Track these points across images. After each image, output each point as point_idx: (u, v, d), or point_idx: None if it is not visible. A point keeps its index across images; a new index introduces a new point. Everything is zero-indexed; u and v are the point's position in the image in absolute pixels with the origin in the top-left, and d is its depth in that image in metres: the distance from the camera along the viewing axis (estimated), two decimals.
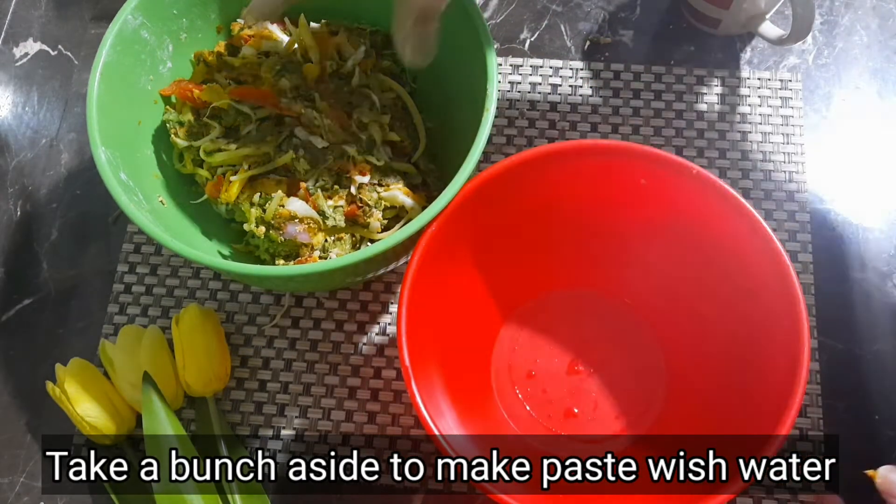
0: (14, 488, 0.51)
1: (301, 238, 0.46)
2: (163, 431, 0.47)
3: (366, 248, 0.41)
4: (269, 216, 0.46)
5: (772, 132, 0.56)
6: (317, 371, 0.52)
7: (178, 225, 0.49)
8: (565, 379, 0.50)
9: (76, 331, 0.54)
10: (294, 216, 0.46)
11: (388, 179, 0.48)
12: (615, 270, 0.51)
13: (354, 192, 0.47)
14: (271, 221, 0.46)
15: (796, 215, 0.54)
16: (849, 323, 0.52)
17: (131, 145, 0.48)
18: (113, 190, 0.43)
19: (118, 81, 0.46)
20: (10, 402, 0.53)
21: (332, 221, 0.46)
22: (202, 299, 0.54)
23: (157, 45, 0.49)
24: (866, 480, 0.39)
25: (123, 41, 0.46)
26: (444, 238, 0.43)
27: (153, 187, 0.49)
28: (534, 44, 0.61)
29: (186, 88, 0.49)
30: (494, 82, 0.44)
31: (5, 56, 0.61)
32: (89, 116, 0.44)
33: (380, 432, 0.51)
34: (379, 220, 0.47)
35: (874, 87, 0.58)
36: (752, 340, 0.44)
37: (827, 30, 0.59)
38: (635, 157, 0.44)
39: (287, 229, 0.46)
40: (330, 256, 0.47)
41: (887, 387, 0.50)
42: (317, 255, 0.47)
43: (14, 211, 0.58)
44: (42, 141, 0.60)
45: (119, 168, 0.45)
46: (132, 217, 0.42)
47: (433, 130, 0.53)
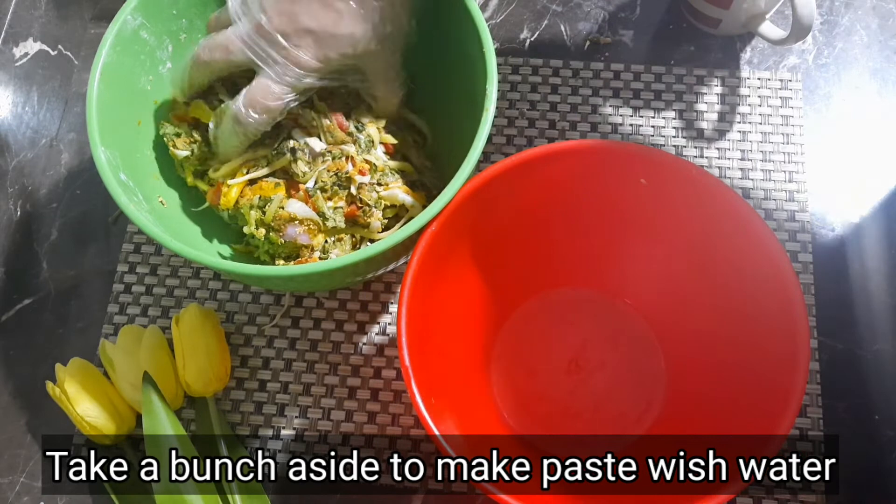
0: (14, 488, 0.51)
1: (301, 239, 0.46)
2: (163, 431, 0.47)
3: (365, 248, 0.41)
4: (268, 218, 0.46)
5: (772, 132, 0.56)
6: (317, 371, 0.52)
7: (178, 225, 0.49)
8: (565, 379, 0.50)
9: (76, 331, 0.54)
10: (294, 218, 0.46)
11: (387, 178, 0.48)
12: (615, 270, 0.51)
13: (354, 193, 0.47)
14: (271, 223, 0.46)
15: (796, 215, 0.54)
16: (849, 323, 0.52)
17: (131, 146, 0.48)
18: (113, 190, 0.43)
19: (118, 82, 0.46)
20: (10, 402, 0.53)
21: (333, 223, 0.46)
22: (202, 299, 0.54)
23: (157, 45, 0.49)
24: (866, 480, 0.39)
25: (123, 41, 0.47)
26: (444, 238, 0.43)
27: (153, 187, 0.49)
28: (534, 44, 0.61)
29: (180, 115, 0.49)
30: (494, 82, 0.44)
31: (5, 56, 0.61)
32: (89, 117, 0.44)
33: (380, 432, 0.51)
34: (379, 220, 0.47)
35: (874, 87, 0.58)
36: (751, 340, 0.44)
37: (827, 30, 0.59)
38: (635, 157, 0.44)
39: (287, 231, 0.46)
40: (330, 257, 0.47)
41: (887, 387, 0.50)
42: (317, 256, 0.47)
43: (14, 211, 0.58)
44: (42, 141, 0.60)
45: (119, 168, 0.45)
46: (132, 217, 0.42)
47: (433, 130, 0.53)
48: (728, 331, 0.45)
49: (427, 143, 0.52)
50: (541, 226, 0.49)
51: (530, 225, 0.49)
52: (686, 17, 0.60)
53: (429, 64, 0.51)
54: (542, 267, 0.51)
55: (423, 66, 0.52)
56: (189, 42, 0.50)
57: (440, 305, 0.46)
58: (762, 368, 0.42)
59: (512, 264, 0.50)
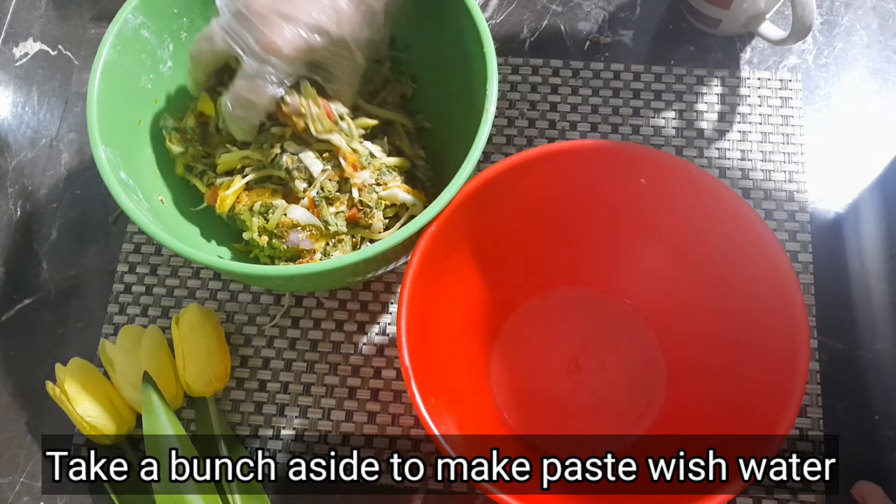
0: (14, 488, 0.51)
1: (304, 245, 0.46)
2: (163, 431, 0.47)
3: (365, 249, 0.41)
4: (271, 226, 0.46)
5: (772, 132, 0.56)
6: (317, 371, 0.52)
7: (178, 224, 0.49)
8: (565, 379, 0.50)
9: (76, 331, 0.54)
10: (297, 224, 0.46)
11: (385, 178, 0.48)
12: (615, 270, 0.51)
13: (356, 196, 0.47)
14: (274, 231, 0.46)
15: (796, 215, 0.54)
16: (849, 323, 0.52)
17: (131, 144, 0.48)
18: (113, 189, 0.43)
19: (118, 81, 0.46)
20: (10, 402, 0.53)
21: (335, 227, 0.47)
22: (202, 299, 0.54)
23: (158, 44, 0.49)
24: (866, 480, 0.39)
25: (124, 40, 0.47)
26: (444, 238, 0.43)
27: (153, 186, 0.49)
28: (534, 44, 0.61)
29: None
30: (494, 82, 0.44)
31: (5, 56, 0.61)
32: (89, 115, 0.44)
33: (380, 432, 0.51)
34: (381, 220, 0.47)
35: (874, 87, 0.58)
36: (751, 340, 0.44)
37: (827, 30, 0.59)
38: (635, 157, 0.44)
39: (290, 237, 0.46)
40: (331, 257, 0.47)
41: (887, 387, 0.50)
42: (318, 257, 0.47)
43: (14, 211, 0.58)
44: (42, 141, 0.60)
45: (119, 167, 0.45)
46: (132, 216, 0.42)
47: (433, 130, 0.53)
48: (728, 331, 0.45)
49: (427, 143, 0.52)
50: (541, 226, 0.49)
51: (530, 225, 0.49)
52: (686, 17, 0.60)
53: (429, 64, 0.52)
54: (542, 267, 0.51)
55: (424, 66, 0.52)
56: (190, 41, 0.50)
57: (440, 305, 0.46)
58: (762, 368, 0.42)
59: (512, 264, 0.50)
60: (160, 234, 0.42)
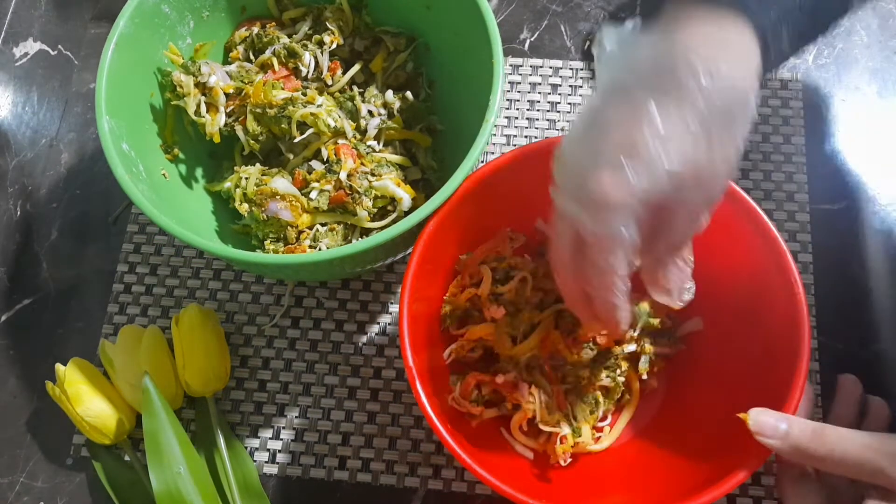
0: (14, 488, 0.50)
1: (283, 216, 0.47)
2: (163, 431, 0.47)
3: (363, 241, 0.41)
4: (251, 192, 0.47)
5: (772, 132, 0.56)
6: (317, 371, 0.52)
7: (178, 201, 0.49)
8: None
9: (76, 331, 0.54)
10: (276, 193, 0.47)
11: (381, 169, 0.48)
12: None
13: (344, 179, 0.47)
14: (253, 198, 0.47)
15: (796, 215, 0.54)
16: (849, 323, 0.52)
17: (140, 116, 0.48)
18: (111, 160, 0.43)
19: (133, 53, 0.46)
20: (10, 402, 0.53)
21: (315, 203, 0.47)
22: (202, 299, 0.54)
23: (178, 20, 0.49)
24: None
25: (143, 14, 0.47)
26: (443, 238, 0.43)
27: (157, 160, 0.49)
28: (534, 44, 0.61)
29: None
30: (497, 95, 0.44)
31: (5, 56, 0.61)
32: (98, 84, 0.44)
33: (380, 432, 0.50)
34: (367, 209, 0.47)
35: (874, 88, 0.58)
36: (751, 340, 0.44)
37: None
38: None
39: (269, 206, 0.47)
40: (320, 247, 0.47)
41: (887, 387, 0.50)
42: (307, 245, 0.47)
43: (14, 211, 0.58)
44: (42, 141, 0.60)
45: (122, 138, 0.45)
46: (124, 187, 0.42)
47: (443, 132, 0.53)
48: (728, 329, 0.45)
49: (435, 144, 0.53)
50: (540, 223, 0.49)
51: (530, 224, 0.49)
52: None
53: (447, 71, 0.52)
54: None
55: (443, 73, 0.53)
56: (212, 20, 0.51)
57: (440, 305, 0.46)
58: (762, 368, 0.42)
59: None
60: (148, 206, 0.42)
